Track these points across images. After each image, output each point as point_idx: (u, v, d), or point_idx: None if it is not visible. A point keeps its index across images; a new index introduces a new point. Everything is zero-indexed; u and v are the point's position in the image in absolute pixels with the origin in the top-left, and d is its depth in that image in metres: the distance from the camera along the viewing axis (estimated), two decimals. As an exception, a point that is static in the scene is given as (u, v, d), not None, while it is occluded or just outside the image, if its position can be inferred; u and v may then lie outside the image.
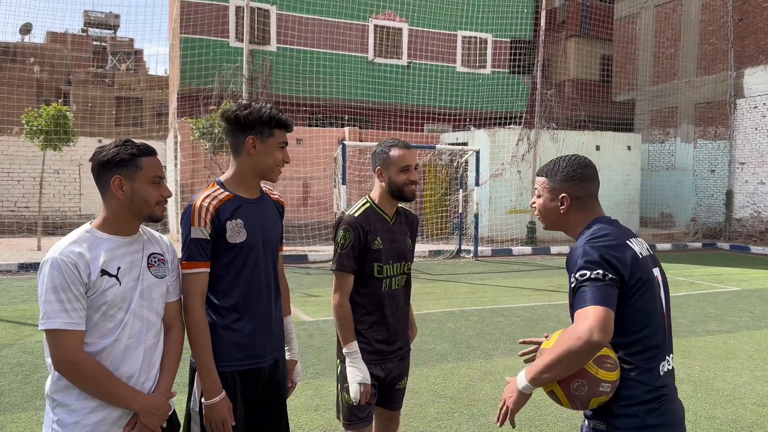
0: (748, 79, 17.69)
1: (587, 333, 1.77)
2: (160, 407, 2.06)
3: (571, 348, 1.80)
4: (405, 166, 2.78)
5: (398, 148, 2.81)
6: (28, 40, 31.55)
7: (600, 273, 1.86)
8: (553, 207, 2.13)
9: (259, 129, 2.33)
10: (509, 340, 6.66)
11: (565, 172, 2.11)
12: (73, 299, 1.91)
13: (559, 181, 2.11)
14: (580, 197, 2.10)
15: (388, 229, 2.85)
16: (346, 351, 2.74)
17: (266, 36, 18.80)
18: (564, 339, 1.84)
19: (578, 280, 1.89)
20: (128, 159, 2.03)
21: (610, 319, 1.80)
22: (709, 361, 5.97)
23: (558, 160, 2.15)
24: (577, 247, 1.99)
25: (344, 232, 2.75)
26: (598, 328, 1.77)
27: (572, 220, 2.12)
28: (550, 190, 2.13)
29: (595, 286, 1.84)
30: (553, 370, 1.86)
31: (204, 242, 2.27)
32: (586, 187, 2.11)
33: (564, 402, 1.94)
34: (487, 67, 22.04)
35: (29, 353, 5.94)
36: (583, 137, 17.04)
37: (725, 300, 9.17)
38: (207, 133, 13.45)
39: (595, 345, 1.77)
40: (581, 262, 1.91)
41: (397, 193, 2.82)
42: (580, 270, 1.90)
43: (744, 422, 4.45)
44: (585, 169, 2.11)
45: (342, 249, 2.75)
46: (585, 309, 1.82)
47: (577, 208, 2.11)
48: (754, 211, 17.57)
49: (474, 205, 14.48)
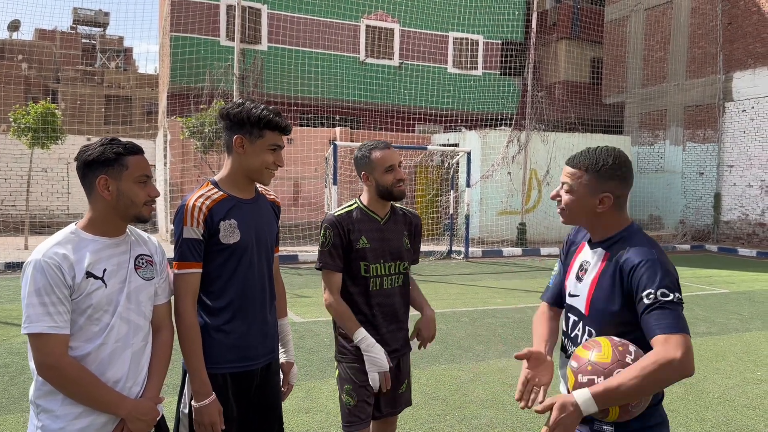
0: (736, 83, 17.82)
1: (683, 366, 1.72)
2: (148, 412, 2.01)
3: (666, 378, 1.73)
4: (389, 166, 2.76)
5: (379, 150, 2.78)
6: (17, 37, 31.25)
7: (680, 297, 1.81)
8: (589, 204, 1.96)
9: (248, 129, 2.28)
10: (501, 341, 6.64)
11: (612, 170, 1.94)
12: (57, 302, 1.86)
13: (604, 177, 1.94)
14: (620, 196, 1.96)
15: (377, 228, 2.82)
16: (357, 340, 2.69)
17: (257, 35, 18.72)
18: (654, 363, 1.72)
19: (659, 299, 1.79)
20: (114, 158, 1.99)
21: (692, 349, 1.78)
22: (698, 363, 5.98)
23: (601, 153, 1.96)
24: (649, 260, 1.86)
25: (324, 231, 2.78)
26: (691, 360, 1.73)
27: (605, 221, 1.99)
28: (589, 186, 1.95)
29: (678, 311, 1.79)
30: (638, 394, 1.75)
31: (196, 242, 2.22)
32: (627, 187, 1.98)
33: (612, 416, 1.83)
34: (478, 69, 22.07)
35: (15, 354, 5.85)
36: (573, 139, 17.09)
37: (714, 302, 9.21)
38: (197, 132, 13.36)
39: (687, 376, 1.75)
40: (663, 280, 1.82)
41: (386, 194, 2.80)
42: (662, 288, 1.81)
43: (735, 425, 4.45)
44: (627, 167, 1.96)
45: (323, 247, 2.78)
46: (675, 336, 1.75)
47: (615, 208, 1.98)
48: (742, 214, 17.70)
49: (465, 206, 14.48)
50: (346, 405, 2.76)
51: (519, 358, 2.13)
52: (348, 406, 2.76)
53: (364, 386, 2.77)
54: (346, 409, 2.77)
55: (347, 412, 2.77)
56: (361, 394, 2.77)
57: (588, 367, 1.83)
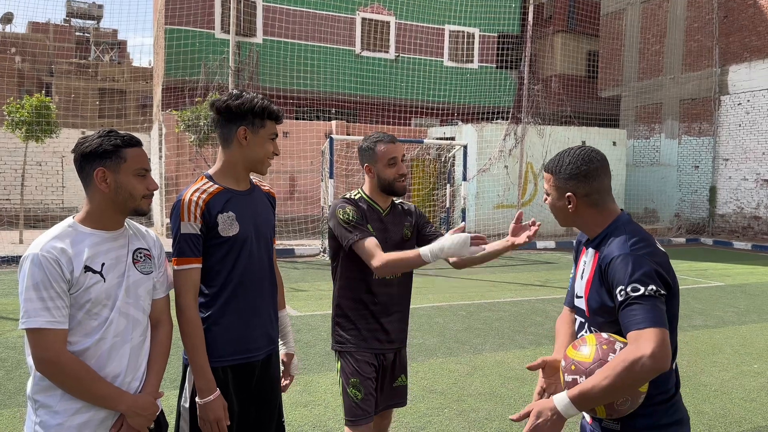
0: (732, 76, 17.83)
1: (655, 361, 1.66)
2: (147, 408, 1.99)
3: (637, 375, 1.67)
4: (392, 158, 2.75)
5: (384, 143, 2.78)
6: (10, 30, 31.02)
7: (653, 289, 1.76)
8: (561, 206, 2.01)
9: (250, 119, 2.27)
10: (497, 335, 6.65)
11: (569, 169, 1.98)
12: (55, 297, 1.84)
13: (564, 179, 1.99)
14: (588, 194, 1.98)
15: (380, 219, 2.81)
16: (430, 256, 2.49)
17: (252, 28, 18.61)
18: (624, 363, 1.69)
19: (630, 296, 1.75)
20: (112, 150, 1.96)
21: (668, 341, 1.71)
22: (695, 356, 6.00)
23: (563, 155, 2.02)
24: (621, 254, 1.84)
25: (343, 209, 2.69)
26: (665, 354, 1.68)
27: (586, 219, 2.01)
28: (556, 189, 2.01)
29: (650, 304, 1.74)
30: (613, 394, 1.72)
31: (195, 237, 2.20)
32: (592, 184, 1.97)
33: (600, 413, 1.82)
34: (474, 62, 22.01)
35: (11, 348, 5.82)
36: (569, 132, 17.08)
37: (710, 295, 9.24)
38: (192, 125, 13.29)
39: (661, 371, 1.69)
40: (633, 275, 1.78)
41: (387, 188, 2.78)
42: (632, 284, 1.77)
43: (732, 417, 4.47)
44: (590, 165, 1.98)
45: (347, 223, 2.66)
46: (644, 331, 1.70)
47: (587, 206, 1.99)
48: (737, 207, 17.75)
49: (461, 200, 14.47)
50: (353, 398, 2.70)
51: (532, 369, 2.10)
52: (354, 399, 2.69)
53: (370, 378, 2.74)
54: (352, 402, 2.70)
55: (354, 405, 2.70)
56: (367, 387, 2.72)
57: (572, 366, 1.83)
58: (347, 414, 2.72)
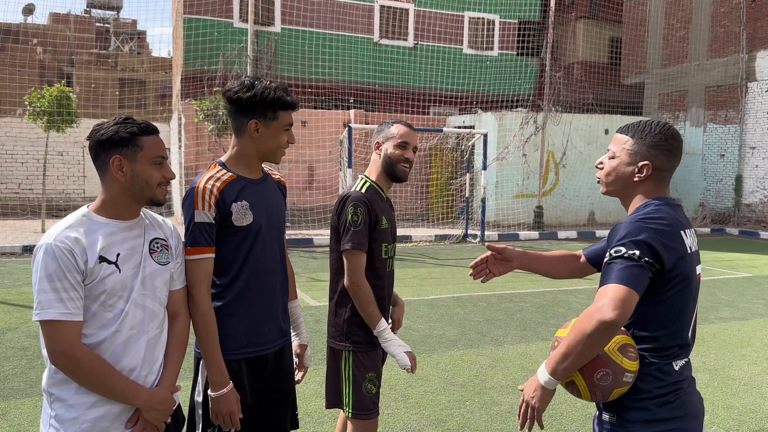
0: (760, 62, 17.37)
1: (601, 312, 1.65)
2: (164, 402, 1.94)
3: (585, 329, 1.67)
4: (402, 142, 2.71)
5: (400, 125, 2.77)
6: (31, 21, 31.29)
7: (636, 253, 1.72)
8: (627, 172, 1.91)
9: (262, 112, 2.20)
10: (519, 326, 6.55)
11: (656, 139, 1.89)
12: (69, 288, 1.78)
13: (646, 146, 1.89)
14: (661, 169, 1.90)
15: (385, 207, 2.77)
16: (378, 331, 2.62)
17: (271, 16, 18.54)
18: (578, 321, 1.72)
19: (611, 255, 1.76)
20: (128, 138, 1.90)
21: (630, 300, 1.66)
22: (723, 349, 5.85)
23: (649, 123, 1.93)
24: (625, 222, 1.82)
25: (355, 209, 2.62)
26: (612, 306, 1.64)
27: (639, 192, 1.92)
28: (631, 153, 1.91)
29: (624, 265, 1.71)
30: (572, 356, 1.72)
31: (209, 226, 2.14)
32: (671, 162, 1.90)
33: (584, 393, 1.81)
34: (494, 49, 21.73)
35: (33, 337, 5.86)
36: (592, 120, 16.80)
37: (737, 286, 9.03)
38: (211, 115, 13.30)
39: (609, 324, 1.64)
40: (624, 238, 1.76)
41: (389, 168, 2.72)
42: (617, 246, 1.76)
43: (763, 412, 4.33)
44: (675, 141, 1.90)
45: (356, 227, 2.61)
46: (606, 287, 1.70)
47: (654, 180, 1.90)
48: (764, 196, 17.35)
49: (481, 189, 14.32)
50: (368, 393, 2.68)
51: (490, 249, 2.32)
52: (370, 394, 2.69)
53: (380, 376, 2.80)
54: (367, 397, 2.68)
55: (368, 400, 2.68)
56: (379, 383, 2.76)
57: (555, 342, 1.89)
58: (358, 408, 2.67)
